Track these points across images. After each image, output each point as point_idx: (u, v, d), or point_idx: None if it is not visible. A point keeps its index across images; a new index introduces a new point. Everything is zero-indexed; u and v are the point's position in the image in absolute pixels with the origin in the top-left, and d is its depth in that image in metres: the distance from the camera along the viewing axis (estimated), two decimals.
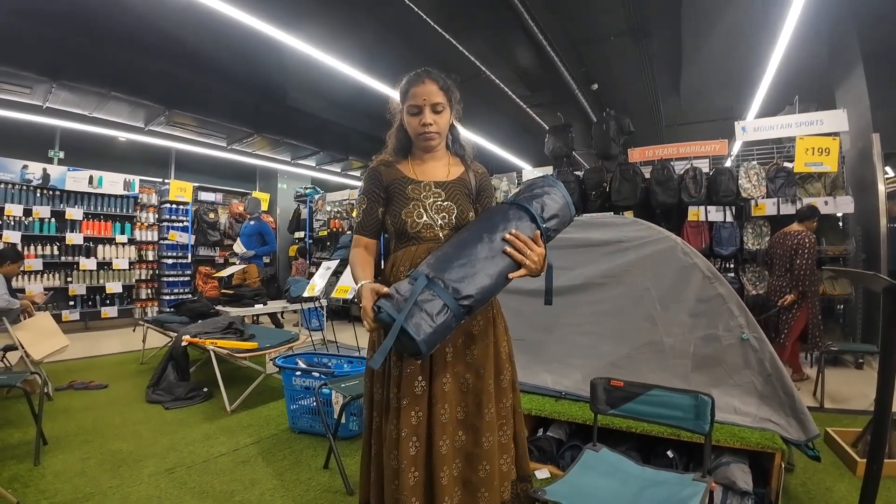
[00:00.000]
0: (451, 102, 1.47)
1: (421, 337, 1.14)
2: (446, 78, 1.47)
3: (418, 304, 1.17)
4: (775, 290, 4.21)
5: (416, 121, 1.44)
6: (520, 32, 5.33)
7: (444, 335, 1.20)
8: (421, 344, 1.14)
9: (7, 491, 2.22)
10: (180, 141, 8.43)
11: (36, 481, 2.44)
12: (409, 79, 1.46)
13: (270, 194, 10.25)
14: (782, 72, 6.01)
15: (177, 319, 4.81)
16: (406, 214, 1.44)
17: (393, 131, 1.57)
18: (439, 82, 1.44)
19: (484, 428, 1.39)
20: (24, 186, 6.78)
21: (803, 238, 4.04)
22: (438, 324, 1.16)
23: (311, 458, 2.75)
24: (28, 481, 2.43)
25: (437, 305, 1.18)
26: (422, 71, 1.45)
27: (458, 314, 1.19)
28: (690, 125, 9.28)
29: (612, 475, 1.67)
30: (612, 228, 2.79)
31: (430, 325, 1.16)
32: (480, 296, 1.23)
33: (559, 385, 2.72)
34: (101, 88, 6.00)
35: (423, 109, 1.42)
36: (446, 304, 1.18)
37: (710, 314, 2.42)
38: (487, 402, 1.41)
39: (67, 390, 4.03)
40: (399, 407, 1.34)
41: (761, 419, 2.23)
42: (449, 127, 1.52)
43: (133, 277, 7.85)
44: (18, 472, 2.52)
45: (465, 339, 1.42)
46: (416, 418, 1.34)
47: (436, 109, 1.43)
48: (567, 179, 5.88)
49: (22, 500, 2.24)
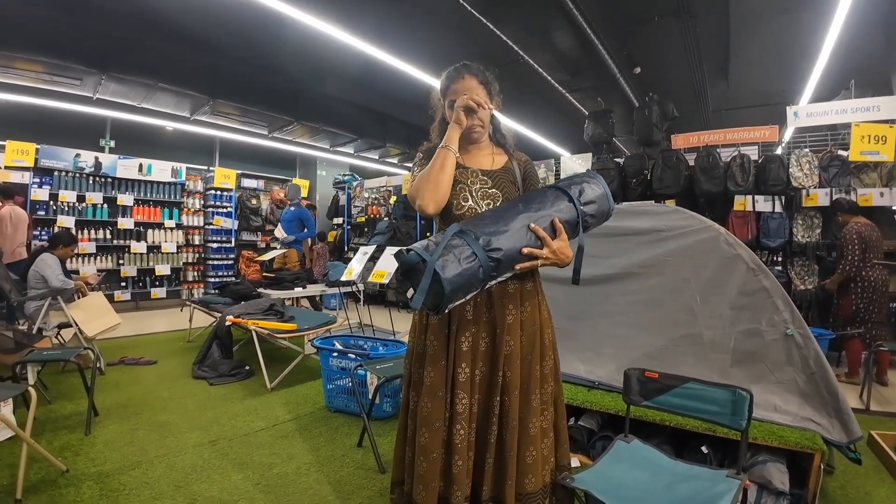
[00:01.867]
0: (491, 94, 1.49)
1: (446, 275, 1.16)
2: (485, 71, 1.48)
3: (448, 248, 1.20)
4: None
5: None
6: (559, 15, 5.20)
7: (469, 283, 1.21)
8: (445, 283, 1.15)
9: (58, 459, 2.38)
10: (224, 129, 8.69)
11: (86, 450, 2.61)
12: (448, 74, 1.49)
13: (310, 181, 10.45)
14: (837, 54, 5.65)
15: (221, 300, 5.00)
16: (452, 196, 1.45)
17: (435, 125, 1.59)
18: (479, 76, 1.46)
19: (530, 414, 1.42)
20: (77, 174, 7.12)
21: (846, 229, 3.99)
22: (465, 268, 1.19)
23: (346, 436, 2.84)
24: (79, 450, 2.60)
25: (466, 251, 1.21)
26: (461, 66, 1.47)
27: (486, 266, 1.21)
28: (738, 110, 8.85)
29: (643, 467, 1.65)
30: (651, 217, 2.72)
31: (456, 266, 1.18)
32: (510, 254, 1.26)
33: (592, 375, 2.70)
34: (149, 80, 6.24)
35: None
36: (475, 252, 1.21)
37: (753, 308, 2.34)
38: (534, 388, 1.43)
39: (119, 365, 4.27)
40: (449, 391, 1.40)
41: (802, 418, 2.16)
42: (490, 117, 1.54)
43: (180, 260, 8.19)
44: (69, 442, 2.70)
45: (510, 325, 1.44)
46: (461, 405, 1.37)
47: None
48: (607, 166, 5.75)
49: (72, 467, 2.39)
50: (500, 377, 1.40)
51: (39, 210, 6.76)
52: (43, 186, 6.79)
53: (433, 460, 1.36)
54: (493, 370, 1.41)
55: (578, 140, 7.03)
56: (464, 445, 1.35)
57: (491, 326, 1.43)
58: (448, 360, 1.40)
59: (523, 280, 1.46)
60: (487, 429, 1.39)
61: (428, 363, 1.42)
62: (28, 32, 5.25)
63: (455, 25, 5.48)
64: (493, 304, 1.42)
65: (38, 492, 2.16)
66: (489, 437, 1.38)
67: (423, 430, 1.37)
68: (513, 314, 1.43)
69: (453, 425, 1.36)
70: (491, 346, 1.43)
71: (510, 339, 1.41)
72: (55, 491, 2.18)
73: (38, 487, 2.20)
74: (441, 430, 1.37)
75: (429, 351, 1.43)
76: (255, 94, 7.30)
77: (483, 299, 1.41)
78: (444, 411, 1.38)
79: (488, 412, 1.40)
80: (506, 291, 1.43)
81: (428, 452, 1.36)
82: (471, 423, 1.38)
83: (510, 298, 1.43)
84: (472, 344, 1.40)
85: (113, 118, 7.81)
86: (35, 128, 7.09)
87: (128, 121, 7.73)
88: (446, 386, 1.39)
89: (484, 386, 1.42)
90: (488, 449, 1.38)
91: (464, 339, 1.39)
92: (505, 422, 1.39)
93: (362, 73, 6.58)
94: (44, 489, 2.19)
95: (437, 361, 1.40)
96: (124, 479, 2.31)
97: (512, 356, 1.41)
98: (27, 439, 2.17)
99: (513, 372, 1.40)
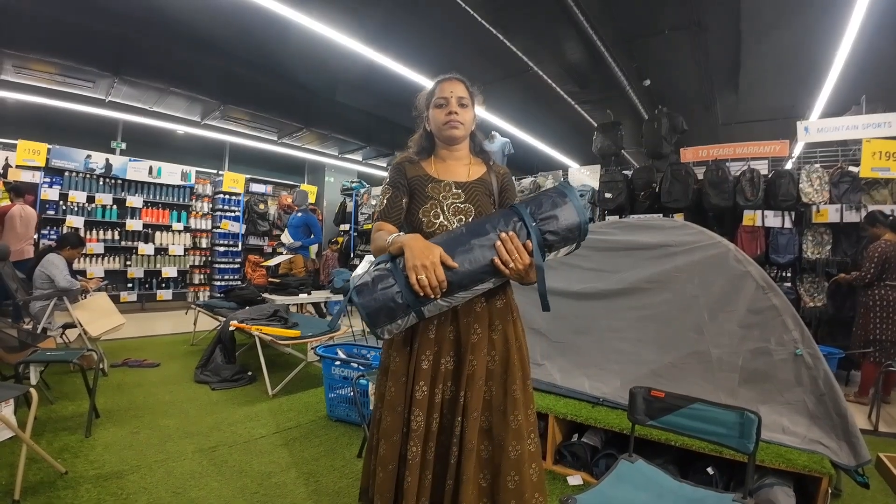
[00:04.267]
0: (473, 104, 1.53)
1: (358, 300, 1.22)
2: (471, 86, 1.54)
3: (372, 273, 1.26)
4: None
5: (442, 112, 1.48)
6: (569, 26, 5.20)
7: (387, 307, 1.22)
8: (359, 307, 1.22)
9: (56, 460, 2.37)
10: (234, 134, 8.77)
11: (86, 452, 2.59)
12: (437, 80, 1.54)
13: (318, 187, 10.49)
14: (849, 69, 5.62)
15: (226, 305, 5.00)
16: (423, 213, 1.45)
17: (415, 138, 1.63)
18: (466, 84, 1.52)
19: (510, 437, 1.36)
20: (87, 175, 7.19)
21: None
22: (378, 294, 1.22)
23: (346, 446, 2.81)
24: (78, 452, 2.59)
25: (387, 279, 1.23)
26: (451, 75, 1.53)
27: (405, 291, 1.21)
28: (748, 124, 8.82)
29: (647, 488, 1.62)
30: (659, 231, 2.70)
31: (370, 292, 1.22)
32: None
33: (597, 391, 2.66)
34: (161, 84, 6.31)
35: (450, 101, 1.47)
36: (395, 279, 1.22)
37: (762, 326, 2.31)
38: (513, 410, 1.38)
39: (122, 367, 4.27)
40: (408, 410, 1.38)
41: (811, 441, 2.11)
42: (471, 134, 1.57)
43: (187, 263, 8.23)
44: (69, 443, 2.69)
45: (475, 345, 1.40)
46: (415, 423, 1.36)
47: (461, 103, 1.48)
48: (615, 179, 5.72)
49: (71, 469, 2.38)
50: (462, 398, 1.36)
51: (49, 209, 6.82)
52: (53, 186, 6.88)
53: (389, 472, 1.37)
54: (456, 390, 1.38)
55: (587, 151, 7.01)
56: (416, 463, 1.33)
57: (456, 345, 1.40)
58: (408, 377, 1.40)
59: (492, 298, 1.42)
60: (449, 449, 1.36)
61: (390, 378, 1.43)
62: (42, 34, 5.33)
63: (465, 35, 5.50)
64: (459, 322, 1.40)
65: (37, 493, 2.15)
66: (450, 458, 1.35)
67: (383, 442, 1.39)
68: (479, 333, 1.40)
69: (408, 441, 1.35)
70: (455, 366, 1.40)
71: (473, 358, 1.38)
72: (53, 493, 2.16)
73: (36, 489, 2.19)
74: (397, 444, 1.38)
75: (391, 367, 1.43)
76: (265, 99, 7.36)
77: (448, 318, 1.38)
78: (401, 426, 1.38)
79: (451, 433, 1.36)
80: (472, 310, 1.40)
81: (385, 464, 1.37)
82: (427, 441, 1.35)
83: (476, 318, 1.40)
84: (433, 363, 1.38)
85: (125, 121, 7.89)
86: (47, 128, 7.19)
87: (139, 123, 7.82)
88: (405, 402, 1.39)
89: (447, 405, 1.39)
90: (449, 470, 1.35)
91: (424, 357, 1.38)
92: (462, 444, 1.35)
93: (372, 80, 6.63)
94: (42, 491, 2.18)
95: (398, 377, 1.41)
96: (122, 483, 2.29)
97: (474, 377, 1.37)
98: (27, 440, 2.17)
99: (473, 393, 1.36)
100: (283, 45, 5.80)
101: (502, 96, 7.17)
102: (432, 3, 4.91)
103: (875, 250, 3.87)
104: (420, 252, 1.20)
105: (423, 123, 1.58)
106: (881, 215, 4.08)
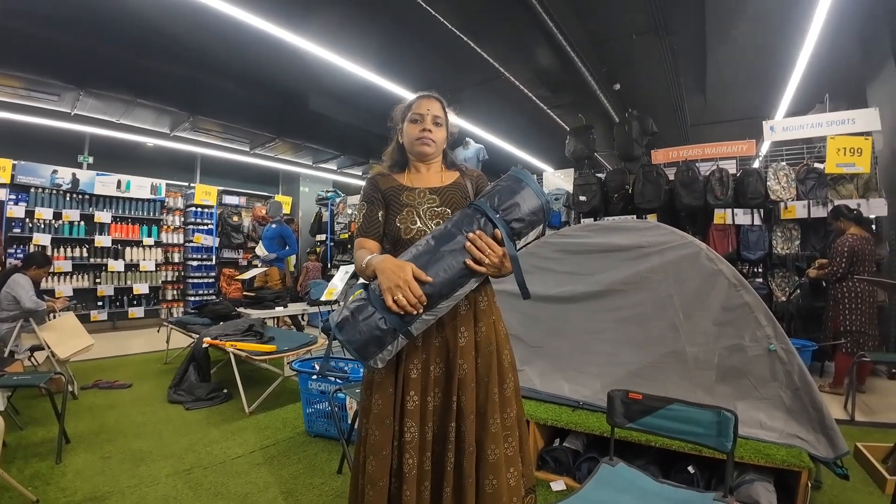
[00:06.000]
0: (447, 124, 1.55)
1: (342, 336, 1.21)
2: (448, 106, 1.57)
3: (349, 307, 1.25)
4: None
5: (416, 128, 1.50)
6: (539, 32, 5.25)
7: (373, 336, 1.21)
8: (344, 343, 1.22)
9: (27, 489, 2.27)
10: (205, 146, 8.58)
11: (57, 479, 2.49)
12: (416, 96, 1.56)
13: (293, 197, 10.36)
14: (812, 69, 5.79)
15: (199, 321, 4.88)
16: (400, 221, 1.45)
17: (389, 151, 1.63)
18: (443, 104, 1.54)
19: (489, 440, 1.36)
20: (54, 191, 6.96)
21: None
22: (361, 326, 1.21)
23: (326, 462, 2.75)
24: (49, 479, 2.49)
25: (366, 309, 1.22)
26: (430, 93, 1.56)
27: (388, 317, 1.20)
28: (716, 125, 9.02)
29: (629, 491, 1.61)
30: (633, 233, 2.71)
31: (354, 325, 1.21)
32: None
33: (577, 394, 2.66)
34: (127, 95, 6.14)
35: (425, 118, 1.50)
36: (374, 305, 1.21)
37: (735, 323, 2.34)
38: (492, 413, 1.38)
39: (93, 389, 4.12)
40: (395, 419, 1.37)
41: (788, 435, 2.14)
42: (443, 151, 1.59)
43: (159, 279, 8.02)
44: (40, 470, 2.58)
45: (463, 348, 1.40)
46: (409, 434, 1.34)
47: (436, 122, 1.52)
48: (588, 182, 5.78)
49: (42, 497, 2.29)
50: (455, 402, 1.36)
51: (15, 227, 6.57)
52: (19, 203, 6.63)
53: (380, 489, 1.33)
54: (447, 396, 1.38)
55: (561, 155, 7.08)
56: (413, 475, 1.31)
57: (444, 351, 1.39)
58: (396, 388, 1.37)
59: (476, 299, 1.43)
60: (444, 456, 1.34)
61: (376, 391, 1.39)
62: (5, 47, 5.14)
63: (436, 42, 5.50)
64: (445, 327, 1.39)
65: None
66: (446, 465, 1.33)
67: (371, 459, 1.35)
68: (465, 336, 1.40)
69: (402, 454, 1.33)
70: (445, 372, 1.39)
71: (463, 362, 1.38)
72: None
73: None
74: (388, 458, 1.35)
75: (376, 378, 1.40)
76: (236, 110, 7.23)
77: (433, 324, 1.36)
78: (391, 440, 1.35)
79: (444, 439, 1.35)
80: (457, 313, 1.39)
81: (375, 481, 1.33)
82: (423, 452, 1.34)
83: (462, 320, 1.40)
84: (422, 371, 1.37)
85: (91, 134, 7.66)
86: (12, 143, 6.91)
87: (106, 137, 7.58)
88: (394, 414, 1.36)
89: (438, 413, 1.38)
90: (445, 477, 1.33)
91: (412, 366, 1.37)
92: (462, 448, 1.34)
93: (345, 89, 6.57)
94: None
95: (385, 389, 1.38)
96: None
97: (465, 380, 1.37)
98: None
99: (467, 396, 1.36)
100: (253, 54, 5.72)
101: (475, 102, 7.19)
102: (403, 11, 4.90)
103: (843, 245, 3.98)
104: (391, 273, 1.20)
105: (397, 135, 1.59)
106: (846, 209, 4.19)
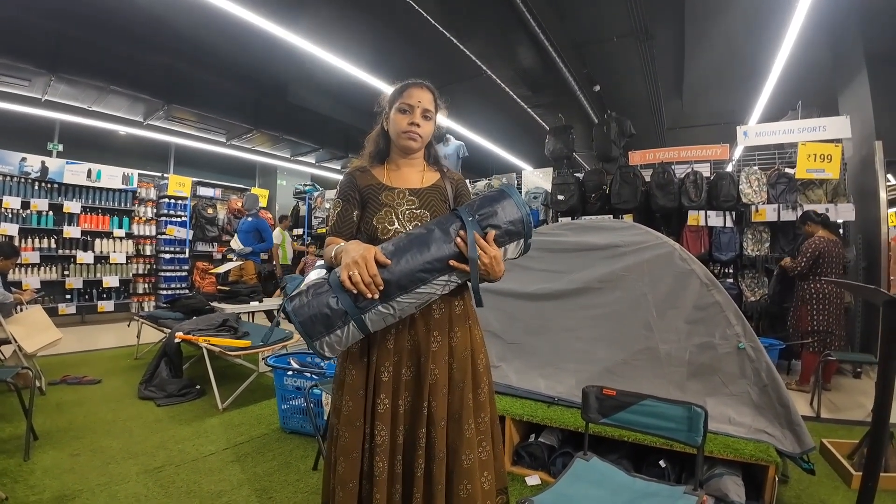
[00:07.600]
0: (436, 117, 1.50)
1: (289, 306, 1.21)
2: (440, 97, 1.51)
3: (310, 284, 1.25)
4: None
5: (405, 119, 1.44)
6: (522, 32, 5.29)
7: (322, 314, 1.19)
8: (290, 313, 1.20)
9: None
10: (179, 136, 8.40)
11: (25, 477, 2.43)
12: (407, 82, 1.47)
13: (270, 190, 10.21)
14: (785, 76, 5.97)
15: (171, 315, 4.78)
16: (378, 221, 1.41)
17: (372, 136, 1.57)
18: (435, 94, 1.48)
19: (464, 446, 1.35)
20: (22, 179, 6.74)
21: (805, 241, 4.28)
22: (310, 299, 1.20)
23: (301, 458, 2.73)
24: (17, 477, 2.42)
25: (322, 286, 1.22)
26: (422, 81, 1.48)
27: (341, 296, 1.19)
28: (692, 128, 9.24)
29: (602, 485, 1.64)
30: (609, 232, 2.76)
31: (305, 299, 1.21)
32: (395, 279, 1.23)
33: (552, 390, 2.69)
34: (100, 82, 5.97)
35: (415, 110, 1.43)
36: (330, 284, 1.21)
37: (707, 322, 2.39)
38: (467, 418, 1.36)
39: (60, 385, 4.01)
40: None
41: (756, 430, 2.20)
42: (428, 144, 1.55)
43: (130, 272, 7.81)
44: (8, 468, 2.51)
45: (435, 353, 1.38)
46: (379, 437, 1.32)
47: (426, 115, 1.46)
48: (567, 181, 5.84)
49: (11, 495, 2.22)
50: (426, 408, 1.34)
51: None
52: None
53: (350, 490, 1.32)
54: (418, 400, 1.35)
55: (540, 154, 7.14)
56: (383, 478, 1.30)
57: (415, 354, 1.37)
58: (367, 391, 1.35)
59: (451, 303, 1.40)
60: (414, 462, 1.33)
61: (346, 392, 1.37)
62: None
63: (419, 39, 5.49)
64: (417, 331, 1.37)
65: None
66: (416, 470, 1.32)
67: (342, 460, 1.34)
68: (438, 341, 1.37)
69: (373, 457, 1.31)
70: (416, 376, 1.37)
71: (435, 367, 1.35)
72: None
73: None
74: (358, 460, 1.33)
75: (347, 380, 1.37)
76: (212, 99, 7.08)
77: (406, 326, 1.35)
78: (361, 442, 1.34)
79: (415, 444, 1.34)
80: (431, 317, 1.37)
81: (345, 483, 1.32)
82: (394, 455, 1.32)
83: (436, 324, 1.37)
84: (393, 373, 1.35)
85: (62, 121, 7.42)
86: None
87: (77, 124, 7.36)
88: (365, 417, 1.34)
89: (409, 417, 1.36)
90: (415, 482, 1.32)
91: (384, 368, 1.34)
92: (432, 454, 1.33)
93: (325, 82, 6.51)
94: None
95: (356, 391, 1.36)
96: None
97: (437, 386, 1.35)
98: None
99: (438, 402, 1.34)
100: (231, 42, 5.62)
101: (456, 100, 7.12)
102: (386, 4, 4.87)
103: (810, 246, 4.15)
104: (353, 250, 1.20)
105: (382, 121, 1.53)
106: (814, 214, 4.35)
